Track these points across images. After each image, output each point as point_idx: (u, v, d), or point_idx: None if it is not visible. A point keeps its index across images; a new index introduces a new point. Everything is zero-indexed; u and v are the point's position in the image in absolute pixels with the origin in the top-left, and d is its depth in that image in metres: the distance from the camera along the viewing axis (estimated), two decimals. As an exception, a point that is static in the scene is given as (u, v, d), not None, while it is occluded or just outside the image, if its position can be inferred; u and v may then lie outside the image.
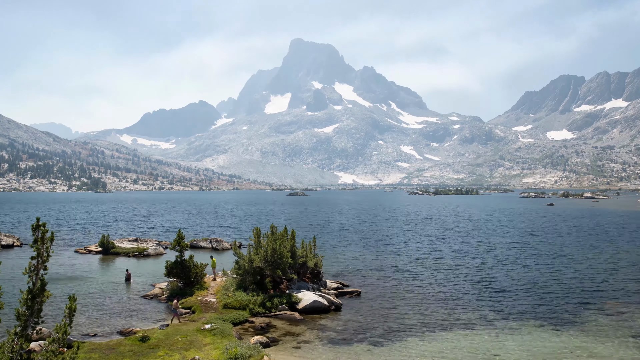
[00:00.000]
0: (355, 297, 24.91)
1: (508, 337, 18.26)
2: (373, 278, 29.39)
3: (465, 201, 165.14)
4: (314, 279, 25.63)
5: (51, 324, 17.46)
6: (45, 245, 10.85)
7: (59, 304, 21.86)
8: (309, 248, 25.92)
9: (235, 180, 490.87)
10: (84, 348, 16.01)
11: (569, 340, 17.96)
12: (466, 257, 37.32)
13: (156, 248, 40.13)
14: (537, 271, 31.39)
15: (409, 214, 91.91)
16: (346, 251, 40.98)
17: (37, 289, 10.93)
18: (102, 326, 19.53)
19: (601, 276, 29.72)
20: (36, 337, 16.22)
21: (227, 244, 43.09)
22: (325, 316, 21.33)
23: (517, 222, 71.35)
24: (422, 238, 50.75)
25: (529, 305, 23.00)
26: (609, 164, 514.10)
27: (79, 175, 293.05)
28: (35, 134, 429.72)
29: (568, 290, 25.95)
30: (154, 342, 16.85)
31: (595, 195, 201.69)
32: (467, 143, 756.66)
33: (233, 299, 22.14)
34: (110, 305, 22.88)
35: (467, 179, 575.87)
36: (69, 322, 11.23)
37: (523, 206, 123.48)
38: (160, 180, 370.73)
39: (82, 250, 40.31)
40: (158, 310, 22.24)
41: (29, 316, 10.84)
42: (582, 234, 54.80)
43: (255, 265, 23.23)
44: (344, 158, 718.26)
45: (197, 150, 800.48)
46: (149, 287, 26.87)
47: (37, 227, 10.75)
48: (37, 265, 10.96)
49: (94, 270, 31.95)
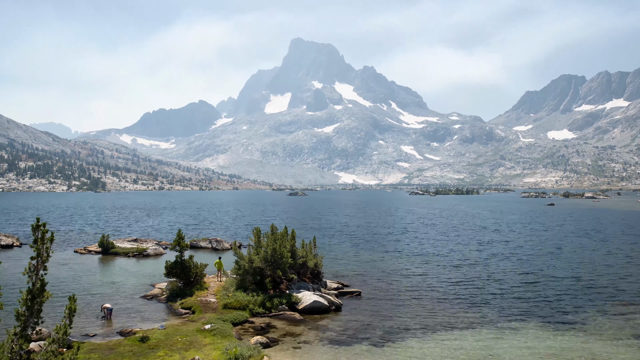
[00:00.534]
0: (356, 297, 24.87)
1: (509, 338, 18.23)
2: (373, 278, 29.35)
3: (465, 201, 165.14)
4: (314, 279, 25.60)
5: (51, 324, 17.41)
6: (45, 245, 10.82)
7: (58, 304, 21.82)
8: (309, 248, 25.88)
9: (235, 180, 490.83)
10: (84, 348, 15.98)
11: (570, 340, 17.93)
12: (467, 258, 37.29)
13: (156, 248, 40.08)
14: (538, 271, 31.36)
15: (409, 214, 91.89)
16: (346, 251, 40.92)
17: (36, 289, 10.89)
18: (102, 326, 19.50)
19: (603, 276, 29.71)
20: (36, 337, 16.17)
21: (227, 244, 43.05)
22: (326, 316, 21.29)
23: (518, 222, 71.34)
24: (423, 238, 50.71)
25: (531, 305, 22.97)
26: (609, 163, 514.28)
27: (79, 175, 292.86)
28: (34, 134, 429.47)
29: (569, 290, 25.92)
30: (153, 342, 16.82)
31: (596, 195, 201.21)
32: (467, 143, 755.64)
33: (233, 299, 22.11)
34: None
35: (467, 179, 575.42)
36: (69, 322, 11.19)
37: (523, 206, 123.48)
38: (160, 180, 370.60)
39: (81, 250, 40.25)
40: (158, 311, 22.21)
41: (28, 316, 10.80)
42: (583, 233, 54.78)
43: (255, 266, 23.20)
44: (344, 158, 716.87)
45: (197, 150, 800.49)
46: (149, 287, 26.83)
47: (37, 227, 10.71)
48: (37, 266, 10.92)
49: (93, 271, 31.90)
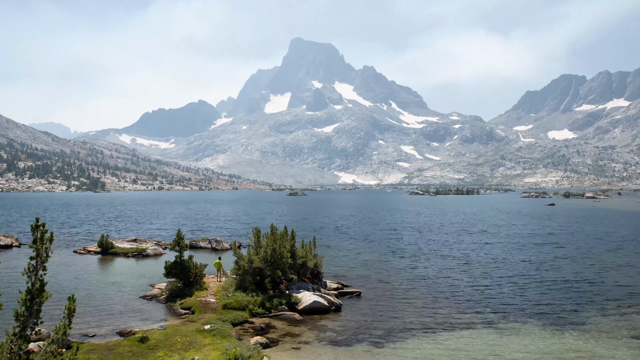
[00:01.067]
0: (356, 297, 24.83)
1: (510, 338, 18.20)
2: (374, 278, 29.30)
3: (466, 201, 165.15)
4: (314, 279, 25.56)
5: (50, 324, 17.35)
6: (44, 245, 10.78)
7: (58, 304, 21.76)
8: (309, 248, 25.84)
9: (235, 180, 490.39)
10: (83, 349, 15.94)
11: (571, 341, 17.91)
12: (468, 258, 37.25)
13: (155, 248, 40.00)
14: (539, 271, 31.34)
15: (409, 215, 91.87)
16: (346, 251, 40.87)
17: (36, 290, 10.86)
18: (101, 327, 19.44)
19: (605, 276, 29.67)
20: (35, 337, 16.14)
21: (227, 245, 43.01)
22: (326, 317, 21.25)
23: (518, 223, 71.33)
24: (424, 238, 50.66)
25: (531, 305, 22.93)
26: (610, 163, 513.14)
27: (78, 175, 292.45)
28: (33, 134, 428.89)
29: (570, 291, 25.90)
30: (153, 342, 16.78)
31: (597, 195, 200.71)
32: (467, 143, 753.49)
33: (233, 299, 22.07)
34: (109, 305, 22.78)
35: (467, 179, 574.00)
36: (68, 322, 11.17)
37: (523, 206, 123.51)
38: (159, 180, 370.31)
39: (81, 250, 40.16)
40: (157, 311, 22.17)
41: (27, 317, 10.77)
42: (583, 233, 54.78)
43: (255, 266, 23.16)
44: (344, 158, 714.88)
45: (196, 150, 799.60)
46: (148, 287, 26.78)
47: (37, 227, 10.67)
48: (36, 266, 10.89)
49: (92, 271, 31.85)
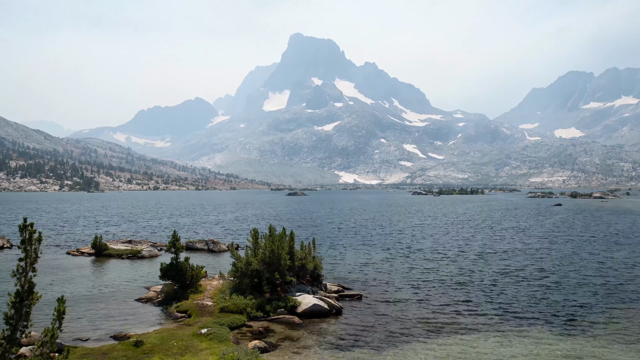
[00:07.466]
0: (357, 300, 24.37)
1: (514, 342, 17.83)
2: (375, 281, 28.85)
3: (469, 201, 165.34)
4: (314, 282, 25.10)
5: (42, 328, 16.79)
6: (33, 246, 10.32)
7: (50, 307, 21.15)
8: (308, 250, 25.37)
9: (233, 179, 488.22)
10: (76, 353, 15.43)
11: (576, 344, 17.56)
12: (470, 260, 36.92)
13: (151, 250, 39.34)
14: (542, 274, 31.02)
15: (410, 215, 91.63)
16: (347, 253, 40.37)
17: (25, 292, 10.45)
18: (95, 330, 18.89)
19: (610, 279, 29.38)
20: (26, 341, 15.64)
21: (224, 246, 42.41)
22: (326, 320, 20.81)
23: (521, 224, 71.23)
24: (425, 240, 50.28)
25: (535, 309, 22.58)
26: (618, 163, 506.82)
27: (71, 174, 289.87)
28: (25, 132, 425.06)
29: (575, 294, 25.56)
30: (148, 346, 16.29)
31: (605, 195, 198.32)
32: (472, 141, 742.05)
33: (230, 302, 21.56)
34: (103, 308, 22.21)
35: (472, 179, 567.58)
36: (58, 325, 10.76)
37: (528, 207, 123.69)
38: (155, 179, 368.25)
39: (74, 252, 39.38)
40: (153, 314, 21.61)
41: (17, 320, 10.40)
42: (590, 235, 54.49)
43: (253, 268, 22.65)
44: (344, 157, 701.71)
45: (193, 149, 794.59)
46: (144, 290, 26.20)
47: (25, 228, 10.18)
48: (25, 267, 10.46)
49: (86, 273, 31.18)
